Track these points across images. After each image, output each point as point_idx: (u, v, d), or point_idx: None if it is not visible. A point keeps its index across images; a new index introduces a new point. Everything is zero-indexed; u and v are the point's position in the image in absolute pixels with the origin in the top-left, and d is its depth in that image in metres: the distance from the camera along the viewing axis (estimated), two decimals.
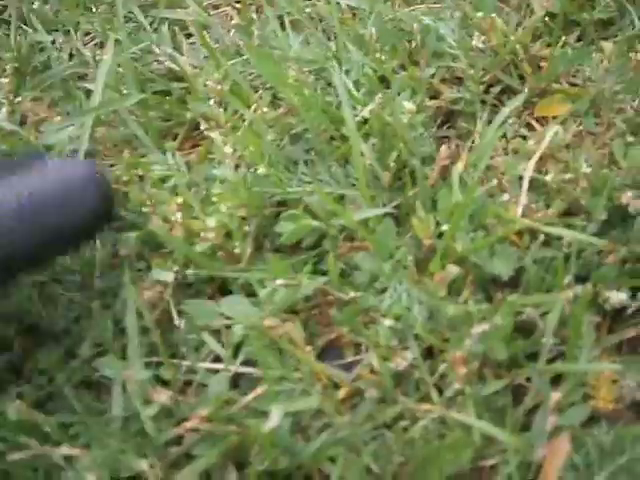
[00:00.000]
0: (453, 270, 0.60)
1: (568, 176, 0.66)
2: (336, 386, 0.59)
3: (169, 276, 0.65)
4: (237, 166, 0.72)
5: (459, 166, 0.69)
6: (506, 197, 0.66)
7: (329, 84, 0.80)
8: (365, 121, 0.73)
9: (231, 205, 0.67)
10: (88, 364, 0.64)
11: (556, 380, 0.57)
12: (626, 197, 0.64)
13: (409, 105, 0.71)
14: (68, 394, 0.61)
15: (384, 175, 0.70)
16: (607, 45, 0.79)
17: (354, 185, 0.69)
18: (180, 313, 0.66)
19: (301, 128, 0.75)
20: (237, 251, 0.67)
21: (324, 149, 0.73)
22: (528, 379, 0.58)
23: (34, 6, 0.96)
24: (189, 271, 0.66)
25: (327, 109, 0.75)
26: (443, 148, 0.71)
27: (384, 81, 0.79)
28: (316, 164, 0.72)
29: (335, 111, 0.75)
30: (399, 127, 0.70)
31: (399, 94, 0.75)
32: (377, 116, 0.71)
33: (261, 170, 0.69)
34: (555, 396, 0.55)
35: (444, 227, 0.64)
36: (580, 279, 0.61)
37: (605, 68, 0.75)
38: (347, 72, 0.78)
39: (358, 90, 0.76)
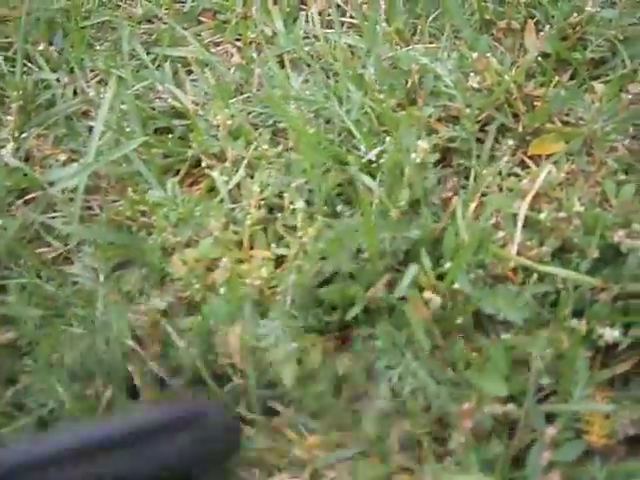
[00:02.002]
0: None
1: (561, 214, 0.68)
2: None
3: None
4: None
5: (458, 204, 0.70)
6: (501, 234, 0.68)
7: (327, 122, 0.82)
8: (369, 162, 0.75)
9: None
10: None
11: (550, 415, 0.59)
12: (618, 235, 0.65)
13: (423, 144, 0.73)
14: None
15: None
16: (599, 86, 0.81)
17: None
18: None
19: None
20: None
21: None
22: None
23: (39, 47, 0.97)
24: None
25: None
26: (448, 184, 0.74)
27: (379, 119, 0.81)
28: None
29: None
30: (411, 166, 0.72)
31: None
32: (390, 155, 0.73)
33: None
34: (550, 432, 0.56)
35: (447, 265, 0.65)
36: (575, 314, 0.63)
37: (597, 108, 0.77)
38: (347, 111, 0.79)
39: (358, 129, 0.78)
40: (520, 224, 0.68)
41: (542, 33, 0.87)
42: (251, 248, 0.74)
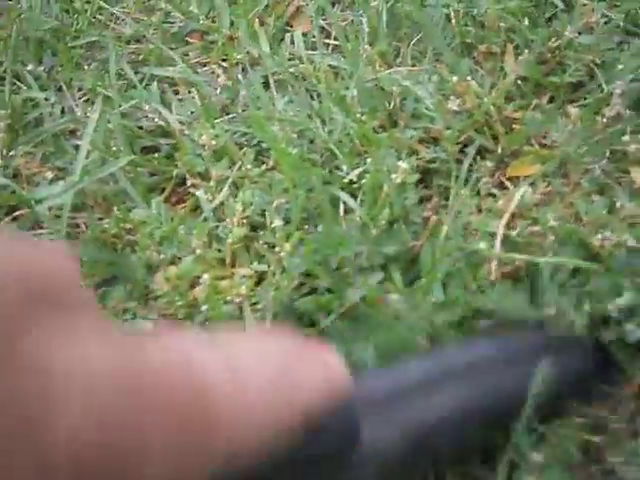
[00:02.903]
0: None
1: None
2: None
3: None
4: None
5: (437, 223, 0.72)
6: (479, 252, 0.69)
7: (311, 142, 0.84)
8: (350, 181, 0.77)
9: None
10: None
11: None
12: None
13: (403, 165, 0.74)
14: None
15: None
16: (573, 110, 0.83)
17: None
18: None
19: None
20: None
21: None
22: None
23: (29, 67, 0.99)
24: None
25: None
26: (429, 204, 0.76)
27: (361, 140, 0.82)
28: None
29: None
30: (391, 186, 0.73)
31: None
32: (371, 175, 0.74)
33: None
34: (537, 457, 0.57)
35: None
36: None
37: (570, 131, 0.79)
38: (330, 132, 0.81)
39: (340, 150, 0.80)
40: (499, 243, 0.69)
41: (521, 57, 0.89)
42: (233, 266, 0.75)
